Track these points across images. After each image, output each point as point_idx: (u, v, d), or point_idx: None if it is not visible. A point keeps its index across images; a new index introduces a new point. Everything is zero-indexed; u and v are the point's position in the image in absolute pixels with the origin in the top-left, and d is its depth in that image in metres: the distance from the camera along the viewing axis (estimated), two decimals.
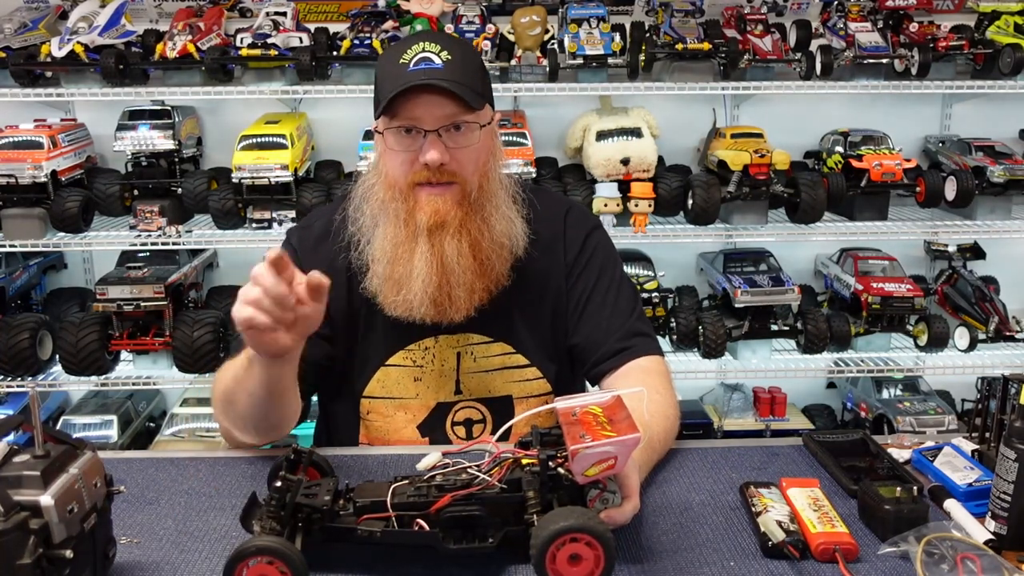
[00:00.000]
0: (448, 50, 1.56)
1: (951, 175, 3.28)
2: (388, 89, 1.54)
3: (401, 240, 1.61)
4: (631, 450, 1.20)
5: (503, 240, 1.65)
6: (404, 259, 1.60)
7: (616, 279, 1.78)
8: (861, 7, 3.39)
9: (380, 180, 1.65)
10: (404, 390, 1.73)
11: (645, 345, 1.73)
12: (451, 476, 1.26)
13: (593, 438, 1.17)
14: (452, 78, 1.53)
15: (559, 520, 1.12)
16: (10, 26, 3.19)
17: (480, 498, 1.24)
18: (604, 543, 1.13)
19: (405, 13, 3.29)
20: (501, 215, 1.65)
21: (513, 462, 1.26)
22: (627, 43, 3.30)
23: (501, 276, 1.66)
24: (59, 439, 1.15)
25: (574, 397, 1.30)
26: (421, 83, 1.52)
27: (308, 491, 1.27)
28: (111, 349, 3.12)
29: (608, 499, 1.27)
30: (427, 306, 1.61)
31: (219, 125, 3.53)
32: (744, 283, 3.21)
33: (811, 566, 1.27)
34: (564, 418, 1.25)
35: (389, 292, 1.63)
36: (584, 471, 1.18)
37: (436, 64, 1.54)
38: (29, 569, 1.01)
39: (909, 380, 3.47)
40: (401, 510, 1.25)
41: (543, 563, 1.13)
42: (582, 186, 3.24)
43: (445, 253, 1.59)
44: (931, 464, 1.55)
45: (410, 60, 1.55)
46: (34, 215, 3.12)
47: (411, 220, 1.60)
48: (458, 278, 1.60)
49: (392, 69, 1.56)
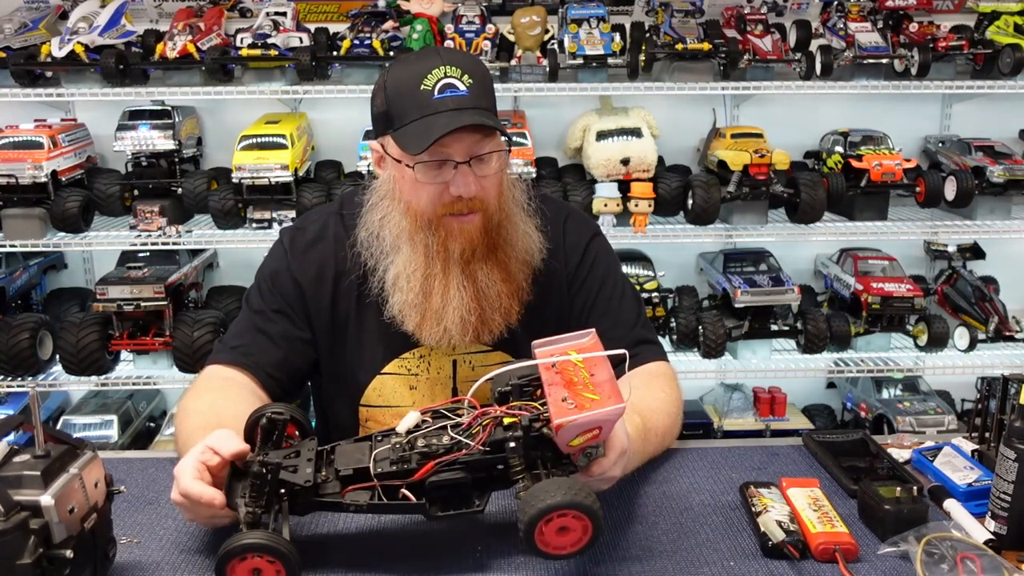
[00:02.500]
0: (468, 72, 1.51)
1: (951, 175, 3.28)
2: (414, 116, 1.49)
3: (435, 272, 1.59)
4: (615, 421, 1.20)
5: (525, 256, 1.65)
6: (439, 291, 1.59)
7: (618, 287, 1.78)
8: (861, 7, 3.39)
9: (399, 208, 1.61)
10: (400, 398, 1.73)
11: (651, 353, 1.74)
12: (432, 440, 1.25)
13: (576, 404, 1.16)
14: (478, 105, 1.51)
15: (546, 497, 1.12)
16: (10, 26, 3.19)
17: (464, 463, 1.23)
18: (591, 515, 1.13)
19: (405, 13, 3.29)
20: (521, 233, 1.65)
21: (494, 422, 1.24)
22: (627, 43, 3.30)
23: (525, 292, 1.66)
24: (59, 439, 1.15)
25: (552, 341, 1.29)
26: (466, 123, 1.46)
27: (288, 463, 1.26)
28: (111, 349, 3.12)
29: (591, 453, 1.26)
30: (461, 333, 1.60)
31: (219, 125, 3.53)
32: (744, 283, 3.21)
33: (811, 566, 1.28)
34: (544, 373, 1.24)
35: (426, 324, 1.61)
36: (568, 442, 1.19)
37: (461, 91, 1.49)
38: (29, 569, 1.01)
39: (909, 380, 3.47)
40: (385, 479, 1.24)
41: (532, 537, 1.13)
42: (582, 186, 3.24)
43: (479, 280, 1.59)
44: (931, 464, 1.55)
45: (433, 86, 1.49)
46: (34, 215, 3.12)
47: (443, 251, 1.58)
48: (492, 303, 1.60)
49: (413, 95, 1.50)
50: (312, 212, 1.89)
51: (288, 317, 1.71)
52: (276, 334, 1.69)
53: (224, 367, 1.66)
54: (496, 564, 1.28)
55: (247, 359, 1.66)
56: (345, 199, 1.80)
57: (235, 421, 1.40)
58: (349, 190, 1.89)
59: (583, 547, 1.16)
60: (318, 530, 1.38)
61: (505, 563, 1.28)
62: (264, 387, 1.66)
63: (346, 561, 1.29)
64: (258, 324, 1.70)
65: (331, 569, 1.27)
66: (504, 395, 1.28)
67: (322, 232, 1.74)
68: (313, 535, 1.37)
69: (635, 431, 1.45)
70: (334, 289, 1.71)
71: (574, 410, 1.15)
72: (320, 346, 1.74)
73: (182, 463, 1.27)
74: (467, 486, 1.24)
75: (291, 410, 1.35)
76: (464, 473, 1.23)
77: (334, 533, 1.38)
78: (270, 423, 1.32)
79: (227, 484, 1.25)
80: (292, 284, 1.71)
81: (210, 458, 1.26)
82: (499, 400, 1.27)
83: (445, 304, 1.59)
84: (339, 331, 1.73)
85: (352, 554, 1.31)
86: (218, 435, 1.29)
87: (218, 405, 1.54)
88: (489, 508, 1.26)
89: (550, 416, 1.17)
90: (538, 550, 1.15)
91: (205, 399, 1.57)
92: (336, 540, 1.36)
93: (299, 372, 1.74)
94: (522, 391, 1.27)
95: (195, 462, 1.26)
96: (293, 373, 1.72)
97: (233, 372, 1.65)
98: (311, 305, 1.71)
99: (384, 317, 1.64)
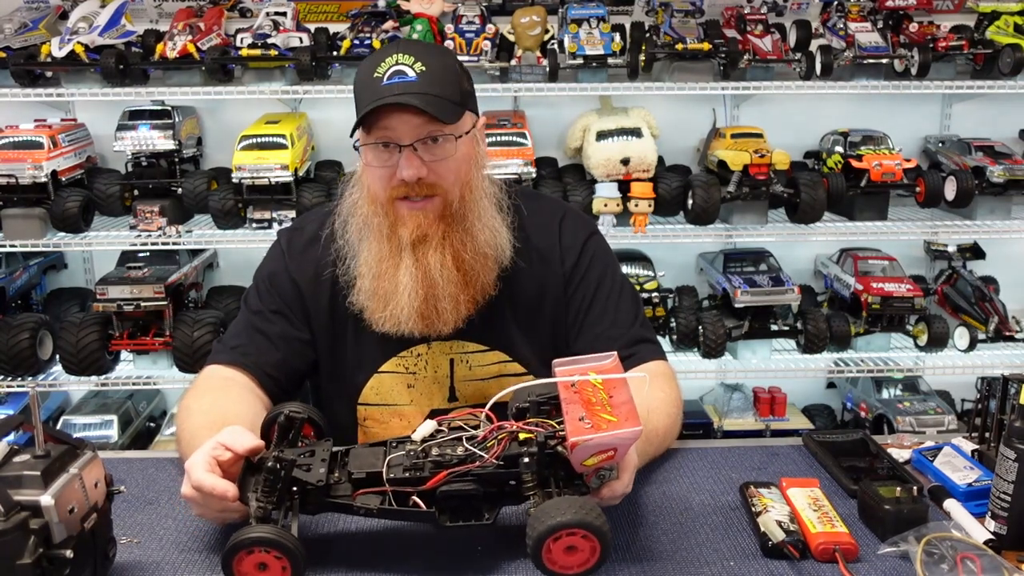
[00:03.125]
0: (423, 61, 1.54)
1: (951, 175, 3.28)
2: (363, 104, 1.53)
3: (385, 255, 1.61)
4: (631, 443, 1.20)
5: (486, 250, 1.64)
6: (389, 274, 1.60)
7: (616, 286, 1.78)
8: (861, 7, 3.39)
9: (363, 195, 1.64)
10: (398, 397, 1.73)
11: (649, 352, 1.74)
12: (447, 450, 1.25)
13: (593, 424, 1.16)
14: (426, 91, 1.51)
15: (556, 514, 1.12)
16: (10, 26, 3.19)
17: (477, 475, 1.23)
18: (600, 536, 1.13)
19: (405, 13, 3.29)
20: (484, 224, 1.64)
21: (509, 436, 1.25)
22: (627, 43, 3.30)
23: (487, 285, 1.65)
24: (59, 439, 1.15)
25: (572, 361, 1.29)
26: (392, 101, 1.50)
27: (302, 462, 1.27)
28: (111, 349, 3.12)
29: (604, 475, 1.26)
30: (414, 319, 1.61)
31: (219, 125, 3.54)
32: (744, 283, 3.21)
33: (811, 566, 1.28)
34: (563, 391, 1.24)
35: (376, 307, 1.63)
36: (583, 462, 1.19)
37: (409, 77, 1.52)
38: (29, 569, 1.01)
39: (909, 380, 3.47)
40: (397, 485, 1.24)
41: (540, 555, 1.13)
42: (582, 186, 3.24)
43: (429, 266, 1.59)
44: (931, 464, 1.55)
45: (384, 74, 1.52)
46: (34, 215, 3.12)
47: (393, 235, 1.60)
48: (442, 290, 1.60)
49: (367, 83, 1.55)
50: (309, 213, 1.89)
51: (286, 318, 1.71)
52: (274, 335, 1.70)
53: (223, 367, 1.67)
54: (496, 564, 1.28)
55: (246, 359, 1.67)
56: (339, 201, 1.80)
57: (237, 420, 1.40)
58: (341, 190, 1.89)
59: (590, 569, 1.16)
60: (322, 528, 1.38)
61: (505, 563, 1.28)
62: (263, 387, 1.66)
63: (347, 561, 1.29)
64: (256, 325, 1.71)
65: (333, 568, 1.27)
66: (521, 411, 1.28)
67: (319, 232, 1.74)
68: (317, 533, 1.37)
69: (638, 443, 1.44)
70: (332, 288, 1.71)
71: (590, 430, 1.15)
72: (319, 346, 1.74)
73: (193, 457, 1.27)
74: (478, 498, 1.24)
75: (309, 410, 1.37)
76: (476, 485, 1.23)
77: (337, 532, 1.38)
78: (288, 421, 1.32)
79: (240, 478, 1.26)
80: (290, 285, 1.72)
81: (221, 453, 1.26)
82: (516, 416, 1.28)
83: (395, 287, 1.60)
84: (338, 330, 1.73)
85: (353, 553, 1.31)
86: (231, 431, 1.29)
87: (220, 404, 1.54)
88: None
89: (566, 434, 1.17)
90: (545, 568, 1.15)
91: (207, 398, 1.57)
92: (339, 539, 1.36)
93: (298, 372, 1.74)
94: (540, 408, 1.27)
95: (207, 456, 1.26)
96: (292, 373, 1.72)
97: (233, 372, 1.65)
98: (309, 305, 1.72)
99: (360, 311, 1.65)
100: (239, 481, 1.25)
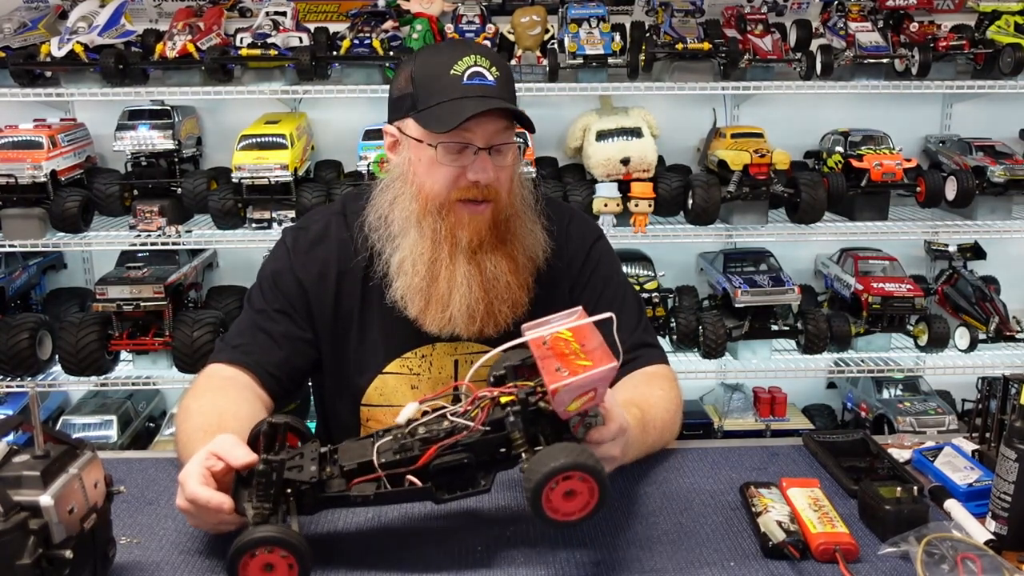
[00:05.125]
0: (496, 66, 1.56)
1: (951, 175, 3.28)
2: (439, 97, 1.52)
3: (441, 257, 1.60)
4: (609, 379, 1.21)
5: (531, 254, 1.67)
6: (445, 277, 1.60)
7: (620, 291, 1.79)
8: (861, 7, 3.39)
9: (410, 191, 1.62)
10: (402, 398, 1.73)
11: (650, 356, 1.75)
12: (433, 426, 1.26)
13: (570, 372, 1.16)
14: (504, 96, 1.54)
15: (550, 460, 1.12)
16: (10, 26, 3.19)
17: (466, 444, 1.23)
18: (597, 476, 1.13)
19: (405, 13, 3.29)
20: (527, 230, 1.67)
21: (492, 402, 1.25)
22: (627, 43, 3.30)
23: (531, 289, 1.67)
24: (59, 439, 1.14)
25: (541, 323, 1.29)
26: (487, 106, 1.50)
27: (292, 464, 1.26)
28: (111, 349, 3.12)
29: (591, 422, 1.27)
30: (467, 322, 1.62)
31: (219, 125, 3.53)
32: (744, 283, 3.21)
33: (811, 566, 1.27)
34: (536, 349, 1.24)
35: (431, 310, 1.62)
36: (566, 407, 1.19)
37: (489, 81, 1.53)
38: (29, 569, 1.01)
39: (909, 380, 3.47)
40: (390, 468, 1.24)
41: (539, 503, 1.13)
42: (582, 186, 3.23)
43: (487, 270, 1.60)
44: (931, 464, 1.55)
45: (463, 73, 1.52)
46: (34, 215, 3.12)
47: (451, 238, 1.60)
48: (501, 293, 1.61)
49: (442, 78, 1.53)
50: (314, 212, 1.89)
51: (290, 317, 1.71)
52: (278, 334, 1.69)
53: (225, 366, 1.66)
54: (496, 564, 1.28)
55: (248, 358, 1.66)
56: (347, 200, 1.80)
57: (236, 421, 1.39)
58: (349, 191, 1.89)
59: (591, 511, 1.16)
60: (321, 530, 1.38)
61: (505, 563, 1.28)
62: (265, 386, 1.66)
63: (348, 560, 1.29)
64: (260, 323, 1.70)
65: (334, 568, 1.27)
66: (499, 379, 1.29)
67: (325, 232, 1.74)
68: (317, 534, 1.37)
69: (634, 421, 1.45)
70: (337, 288, 1.71)
71: (568, 375, 1.16)
72: (322, 346, 1.74)
73: (187, 468, 1.26)
74: (471, 467, 1.24)
75: (289, 418, 1.36)
76: (467, 454, 1.23)
77: (336, 532, 1.37)
78: (272, 428, 1.32)
79: (234, 490, 1.25)
80: (295, 284, 1.71)
81: (214, 464, 1.25)
82: (495, 384, 1.28)
83: (452, 290, 1.60)
84: (342, 330, 1.73)
85: (354, 553, 1.31)
86: (222, 440, 1.28)
87: (219, 405, 1.53)
88: (488, 508, 1.27)
89: (544, 383, 1.17)
90: (547, 518, 1.15)
91: (206, 398, 1.57)
92: (338, 539, 1.36)
93: (300, 372, 1.74)
94: (516, 373, 1.28)
95: (200, 468, 1.25)
96: (294, 373, 1.72)
97: (234, 371, 1.65)
98: (314, 305, 1.71)
99: (387, 301, 1.65)
100: (233, 492, 1.25)
